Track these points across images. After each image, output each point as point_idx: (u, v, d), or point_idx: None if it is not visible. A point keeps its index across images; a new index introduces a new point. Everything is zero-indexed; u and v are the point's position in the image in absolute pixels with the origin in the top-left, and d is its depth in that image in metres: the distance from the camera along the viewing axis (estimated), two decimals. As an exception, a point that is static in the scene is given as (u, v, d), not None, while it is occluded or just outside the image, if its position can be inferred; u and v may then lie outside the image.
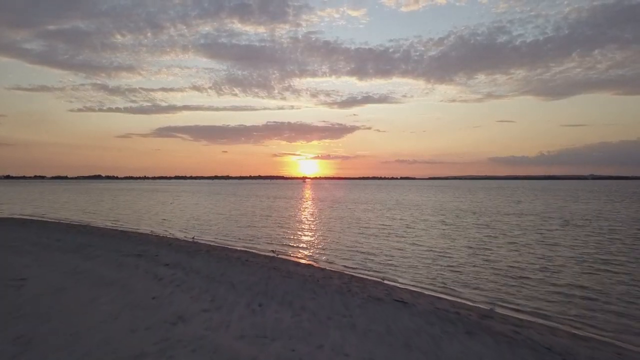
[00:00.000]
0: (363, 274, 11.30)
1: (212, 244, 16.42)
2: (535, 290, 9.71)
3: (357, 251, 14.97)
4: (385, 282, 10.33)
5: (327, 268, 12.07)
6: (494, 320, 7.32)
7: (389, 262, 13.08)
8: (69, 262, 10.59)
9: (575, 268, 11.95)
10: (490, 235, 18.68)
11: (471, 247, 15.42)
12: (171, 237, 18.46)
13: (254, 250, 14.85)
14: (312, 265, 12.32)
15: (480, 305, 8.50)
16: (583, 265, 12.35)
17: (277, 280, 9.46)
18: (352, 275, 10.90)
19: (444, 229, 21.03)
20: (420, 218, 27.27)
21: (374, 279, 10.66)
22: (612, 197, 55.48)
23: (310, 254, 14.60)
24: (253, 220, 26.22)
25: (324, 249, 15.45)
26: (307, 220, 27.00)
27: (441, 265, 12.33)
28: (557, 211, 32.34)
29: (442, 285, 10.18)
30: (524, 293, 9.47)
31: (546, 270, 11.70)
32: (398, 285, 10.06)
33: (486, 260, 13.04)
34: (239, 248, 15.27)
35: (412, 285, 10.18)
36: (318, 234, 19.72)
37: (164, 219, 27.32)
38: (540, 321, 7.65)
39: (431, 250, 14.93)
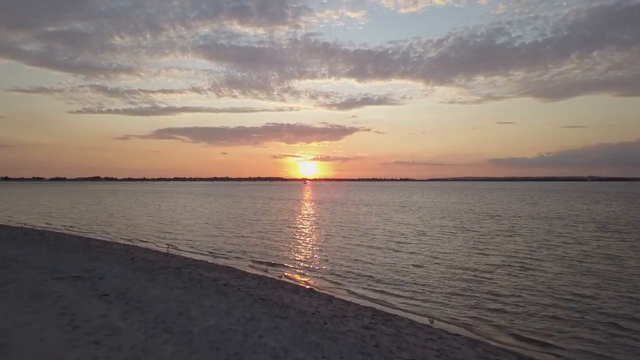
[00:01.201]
0: (387, 308, 8.06)
1: (188, 256, 13.16)
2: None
3: (367, 270, 11.74)
4: (434, 325, 7.01)
5: (335, 296, 8.82)
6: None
7: (412, 286, 9.84)
8: (-37, 291, 7.32)
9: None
10: (527, 246, 15.39)
11: (512, 265, 11.98)
12: (142, 247, 15.20)
13: (238, 267, 11.58)
14: (315, 291, 9.06)
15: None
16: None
17: (263, 323, 6.21)
18: (374, 310, 7.64)
19: (465, 238, 17.73)
20: (432, 223, 23.99)
21: (408, 317, 7.38)
22: (629, 198, 52.21)
23: (311, 273, 11.36)
24: (245, 226, 22.97)
25: (327, 266, 12.20)
26: (306, 226, 23.79)
27: (485, 295, 9.02)
28: (583, 214, 29.12)
29: (508, 332, 6.87)
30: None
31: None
32: (447, 329, 6.80)
33: (543, 288, 9.71)
34: (220, 264, 11.99)
35: (461, 327, 6.95)
36: (319, 245, 16.48)
37: (138, 224, 24.04)
38: None
39: (462, 269, 11.49)
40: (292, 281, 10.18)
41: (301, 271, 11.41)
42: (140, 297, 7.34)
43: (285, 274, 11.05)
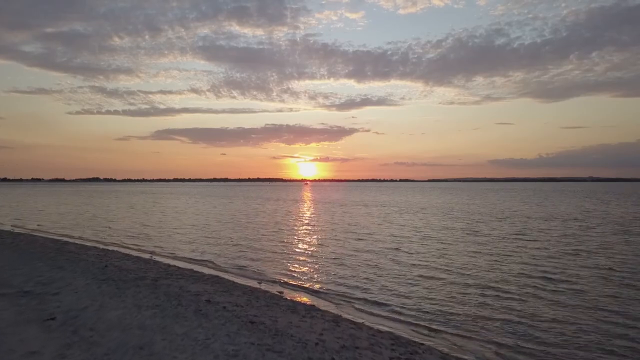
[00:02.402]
0: (406, 332, 6.48)
1: (172, 264, 11.57)
2: None
3: (376, 282, 10.19)
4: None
5: (343, 315, 7.24)
6: None
7: (433, 305, 8.26)
8: None
9: None
10: (550, 253, 13.67)
11: (541, 279, 10.09)
12: (122, 252, 13.61)
13: (227, 278, 9.99)
14: (317, 309, 7.47)
15: None
16: None
17: (249, 362, 4.63)
18: (393, 337, 6.06)
19: (479, 243, 15.88)
20: (439, 226, 22.36)
21: (438, 349, 5.78)
22: (639, 198, 50.63)
23: (312, 285, 9.77)
24: (239, 230, 21.40)
25: (329, 277, 10.61)
26: (306, 231, 22.23)
27: (523, 320, 7.34)
28: (597, 215, 27.57)
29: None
30: None
31: None
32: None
33: (589, 313, 8.06)
34: (207, 273, 10.38)
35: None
36: (320, 252, 14.91)
37: (124, 227, 22.42)
38: None
39: (484, 284, 9.57)
40: (289, 296, 8.59)
41: (300, 283, 9.82)
42: (95, 322, 5.75)
43: (282, 286, 9.48)
